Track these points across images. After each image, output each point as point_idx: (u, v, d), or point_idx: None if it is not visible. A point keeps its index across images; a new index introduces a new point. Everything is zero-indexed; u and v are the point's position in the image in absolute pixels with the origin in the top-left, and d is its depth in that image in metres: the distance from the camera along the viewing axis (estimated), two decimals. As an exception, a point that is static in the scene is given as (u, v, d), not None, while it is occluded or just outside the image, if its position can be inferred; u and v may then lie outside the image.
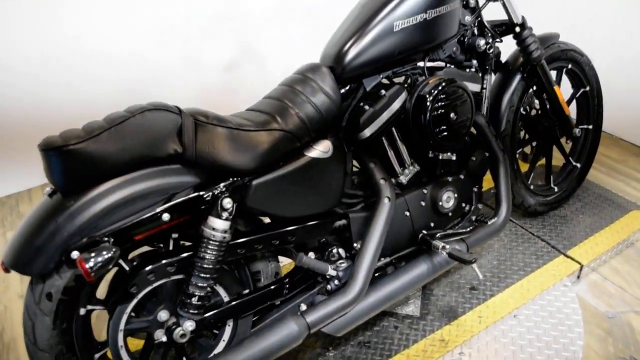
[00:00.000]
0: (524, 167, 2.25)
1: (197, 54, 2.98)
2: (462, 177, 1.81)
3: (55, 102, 2.71)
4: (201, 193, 1.33)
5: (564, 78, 2.23)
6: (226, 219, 1.35)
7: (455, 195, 1.79)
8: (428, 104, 1.56)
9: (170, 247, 1.41)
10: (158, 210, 1.28)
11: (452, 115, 1.61)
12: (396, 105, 1.61)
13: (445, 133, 1.61)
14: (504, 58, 2.05)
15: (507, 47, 2.00)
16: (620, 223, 2.29)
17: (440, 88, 1.57)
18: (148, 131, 1.26)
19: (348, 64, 1.54)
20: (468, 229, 1.82)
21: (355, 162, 1.68)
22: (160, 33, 2.81)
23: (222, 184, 1.36)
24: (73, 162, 1.17)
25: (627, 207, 2.40)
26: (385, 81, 1.67)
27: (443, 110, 1.59)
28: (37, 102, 2.68)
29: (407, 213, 1.71)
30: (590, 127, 2.34)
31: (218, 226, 1.34)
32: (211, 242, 1.34)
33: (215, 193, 1.35)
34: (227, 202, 1.34)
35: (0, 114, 2.65)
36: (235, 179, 1.38)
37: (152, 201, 1.29)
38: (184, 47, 2.92)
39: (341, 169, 1.57)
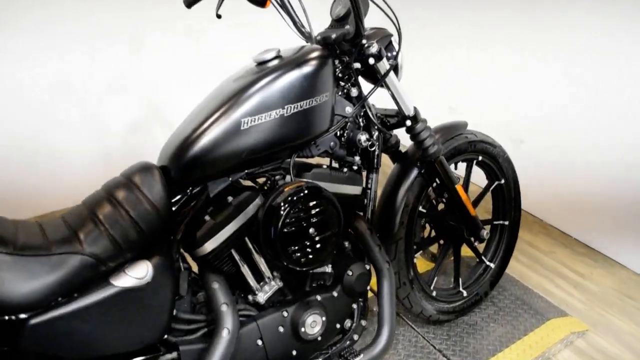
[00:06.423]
0: (430, 267, 2.00)
1: (98, 112, 2.72)
2: (335, 294, 1.52)
3: None
4: None
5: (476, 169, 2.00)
6: None
7: (324, 318, 1.49)
8: (281, 215, 1.29)
9: None
10: None
11: (311, 230, 1.34)
12: (247, 214, 1.34)
13: (300, 252, 1.33)
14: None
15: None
16: (535, 335, 2.03)
17: (297, 197, 1.30)
18: None
19: (186, 165, 1.27)
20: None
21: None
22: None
23: None
24: None
25: (545, 315, 2.14)
26: (248, 183, 1.40)
27: (299, 225, 1.32)
28: None
29: (260, 342, 1.40)
30: (507, 223, 2.11)
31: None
32: None
33: None
34: (-10, 349, 1.04)
35: None
36: (5, 317, 1.08)
37: None
38: (84, 105, 2.66)
39: (166, 296, 1.26)
